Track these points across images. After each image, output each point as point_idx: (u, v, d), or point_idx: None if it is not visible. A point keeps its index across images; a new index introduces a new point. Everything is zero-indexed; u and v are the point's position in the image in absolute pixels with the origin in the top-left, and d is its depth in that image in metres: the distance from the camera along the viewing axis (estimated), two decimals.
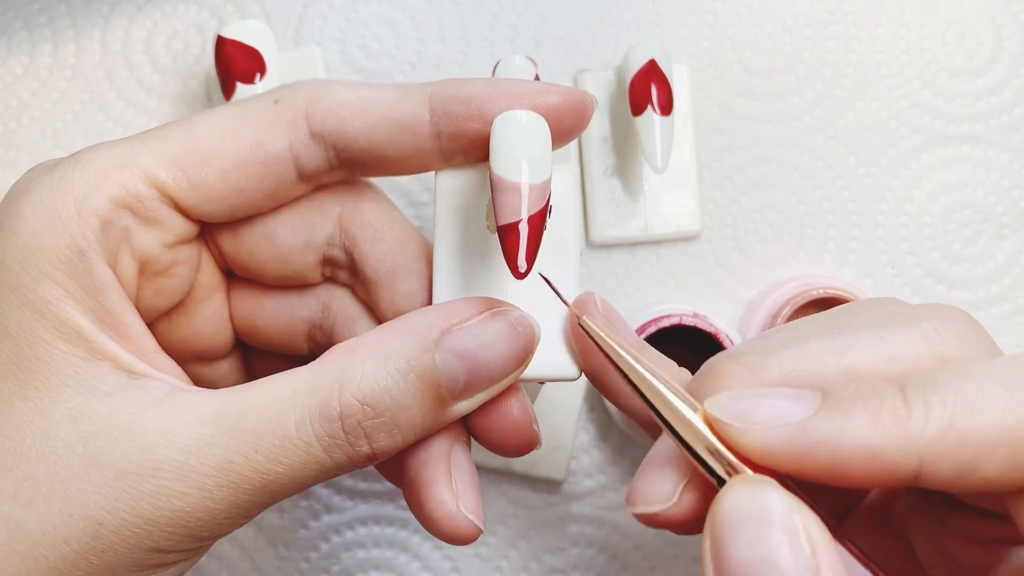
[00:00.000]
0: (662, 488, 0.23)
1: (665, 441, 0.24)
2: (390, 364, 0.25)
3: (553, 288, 0.27)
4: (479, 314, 0.26)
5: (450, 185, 0.28)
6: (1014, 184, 0.44)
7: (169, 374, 0.27)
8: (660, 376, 0.23)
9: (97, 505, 0.24)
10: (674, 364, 0.28)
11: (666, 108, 0.40)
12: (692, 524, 0.23)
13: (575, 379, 0.28)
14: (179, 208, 0.27)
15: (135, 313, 0.27)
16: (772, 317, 0.41)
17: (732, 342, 0.40)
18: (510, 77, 0.27)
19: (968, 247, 0.44)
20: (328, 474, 0.26)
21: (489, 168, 0.25)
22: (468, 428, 0.28)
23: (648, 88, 0.40)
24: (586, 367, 0.28)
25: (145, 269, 0.28)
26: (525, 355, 0.27)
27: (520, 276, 0.25)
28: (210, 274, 0.30)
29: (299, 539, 0.43)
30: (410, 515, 0.43)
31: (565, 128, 0.27)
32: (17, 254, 0.25)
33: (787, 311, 0.41)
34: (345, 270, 0.30)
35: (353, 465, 0.26)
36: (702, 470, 0.22)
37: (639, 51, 0.40)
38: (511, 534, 0.44)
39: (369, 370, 0.25)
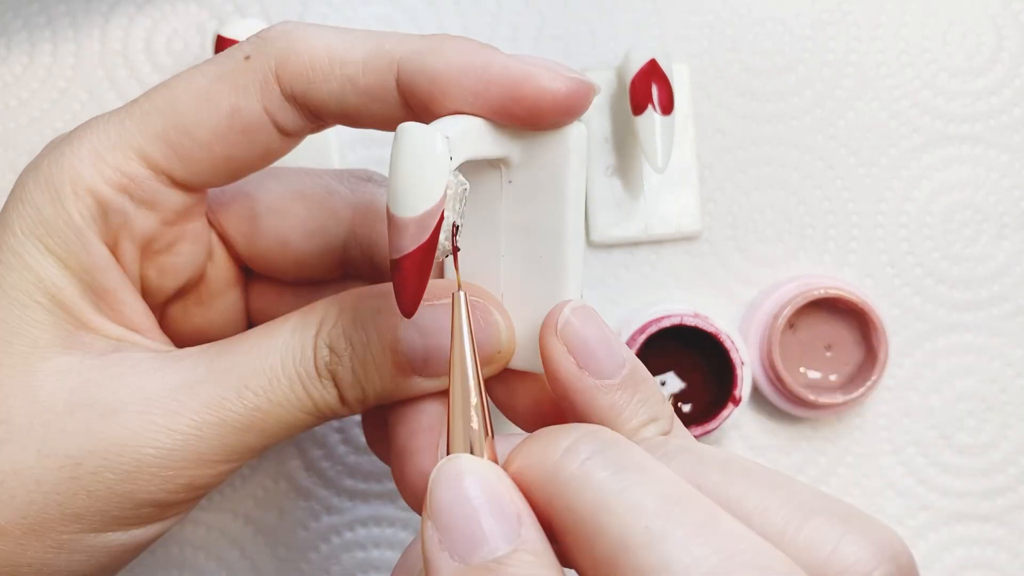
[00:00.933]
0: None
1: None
2: (358, 319, 0.26)
3: (456, 266, 0.24)
4: (445, 297, 0.26)
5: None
6: (1014, 184, 0.44)
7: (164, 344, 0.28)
8: (480, 389, 0.23)
9: (77, 446, 0.24)
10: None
11: (667, 108, 0.40)
12: None
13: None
14: (176, 183, 0.27)
15: (133, 291, 0.27)
16: (773, 317, 0.41)
17: (732, 342, 0.40)
18: (511, 54, 0.25)
19: (968, 247, 0.44)
20: (311, 417, 0.26)
21: None
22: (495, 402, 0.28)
23: (649, 88, 0.40)
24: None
25: (147, 249, 0.28)
26: (489, 353, 0.26)
27: (405, 316, 0.23)
28: (225, 268, 0.31)
29: (299, 540, 0.43)
30: (411, 516, 0.43)
31: (561, 114, 0.25)
32: (24, 223, 0.26)
33: (788, 311, 0.41)
34: (365, 267, 0.30)
35: (332, 412, 0.27)
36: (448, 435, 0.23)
37: (640, 51, 0.40)
38: None
39: (343, 319, 0.26)
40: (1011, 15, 0.45)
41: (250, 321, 0.32)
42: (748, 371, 0.41)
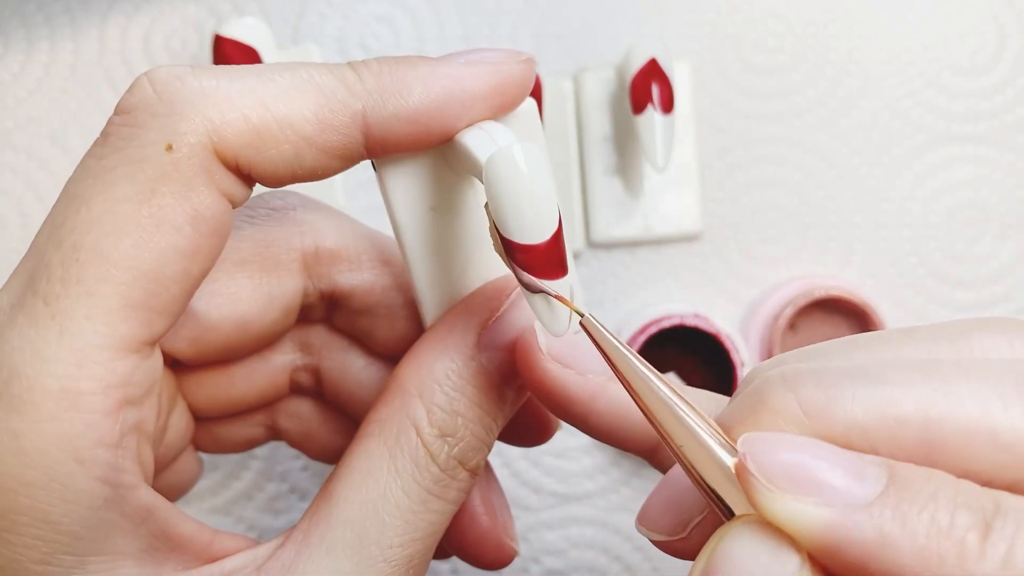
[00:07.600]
0: (675, 519, 0.21)
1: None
2: (446, 388, 0.24)
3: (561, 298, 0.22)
4: (506, 299, 0.24)
5: (402, 182, 0.24)
6: (1017, 184, 0.44)
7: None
8: (680, 395, 0.19)
9: None
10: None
11: (667, 106, 0.39)
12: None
13: None
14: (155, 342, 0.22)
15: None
16: (774, 318, 0.41)
17: (733, 343, 0.40)
18: (462, 55, 0.23)
19: (971, 247, 0.44)
20: (453, 505, 0.24)
21: (493, 227, 0.21)
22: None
23: (649, 87, 0.39)
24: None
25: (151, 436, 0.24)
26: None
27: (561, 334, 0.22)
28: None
29: None
30: None
31: (515, 101, 0.23)
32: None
33: (789, 312, 0.41)
34: (320, 310, 0.27)
35: (465, 495, 0.25)
36: (712, 503, 0.18)
37: (640, 49, 0.40)
38: None
39: (432, 404, 0.24)
40: (1014, 14, 0.44)
41: (195, 417, 0.28)
42: None
